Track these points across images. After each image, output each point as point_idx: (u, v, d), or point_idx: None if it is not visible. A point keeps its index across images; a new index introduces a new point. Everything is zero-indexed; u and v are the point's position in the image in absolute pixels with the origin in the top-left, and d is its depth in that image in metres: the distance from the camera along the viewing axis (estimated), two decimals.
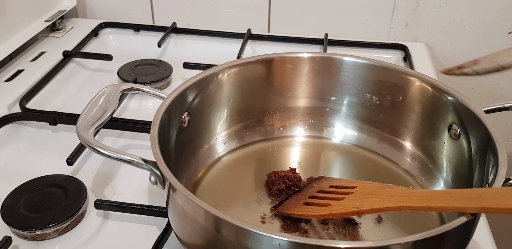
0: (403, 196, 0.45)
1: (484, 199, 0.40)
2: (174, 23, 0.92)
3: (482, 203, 0.39)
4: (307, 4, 0.91)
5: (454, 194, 0.43)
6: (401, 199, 0.45)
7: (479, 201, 0.40)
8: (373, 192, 0.48)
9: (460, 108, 0.52)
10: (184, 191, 0.41)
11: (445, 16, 0.89)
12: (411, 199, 0.44)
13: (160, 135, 0.47)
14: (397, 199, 0.45)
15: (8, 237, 0.50)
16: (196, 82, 0.55)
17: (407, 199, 0.44)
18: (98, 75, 0.82)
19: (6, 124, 0.67)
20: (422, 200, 0.43)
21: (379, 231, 0.51)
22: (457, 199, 0.41)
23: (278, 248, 0.37)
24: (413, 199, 0.44)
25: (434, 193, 0.46)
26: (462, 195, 0.42)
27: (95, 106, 0.52)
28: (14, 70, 0.79)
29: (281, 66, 0.61)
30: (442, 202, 0.42)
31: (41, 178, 0.57)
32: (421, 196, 0.44)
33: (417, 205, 0.43)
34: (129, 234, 0.53)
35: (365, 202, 0.47)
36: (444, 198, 0.43)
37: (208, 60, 0.79)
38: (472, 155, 0.51)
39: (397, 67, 0.59)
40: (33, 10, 0.85)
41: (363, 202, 0.47)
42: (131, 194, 0.58)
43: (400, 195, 0.46)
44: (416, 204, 0.43)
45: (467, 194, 0.42)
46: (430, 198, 0.43)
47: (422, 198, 0.44)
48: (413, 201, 0.44)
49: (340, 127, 0.63)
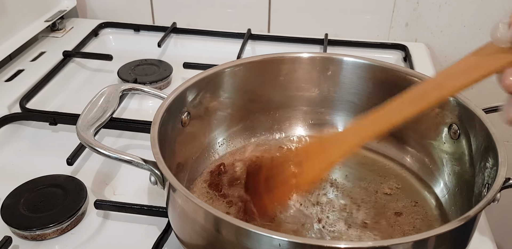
0: (357, 130, 0.46)
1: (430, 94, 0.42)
2: (174, 23, 0.92)
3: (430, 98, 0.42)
4: (307, 4, 0.91)
5: (400, 102, 0.43)
6: (358, 133, 0.45)
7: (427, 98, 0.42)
8: (324, 146, 0.47)
9: (460, 108, 0.52)
10: (184, 191, 0.41)
11: (445, 16, 0.89)
12: (369, 128, 0.44)
13: (160, 135, 0.47)
14: (355, 136, 0.45)
15: (8, 237, 0.50)
16: (196, 82, 0.55)
17: (364, 130, 0.45)
18: (98, 75, 0.82)
19: (6, 124, 0.67)
20: (378, 123, 0.44)
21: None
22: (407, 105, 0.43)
23: (278, 248, 0.37)
24: (369, 127, 0.44)
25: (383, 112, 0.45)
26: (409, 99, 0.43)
27: (95, 106, 0.52)
28: (14, 70, 0.79)
29: (281, 66, 0.61)
30: (397, 114, 0.43)
31: (41, 178, 0.57)
32: (375, 120, 0.44)
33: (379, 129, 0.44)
34: (129, 234, 0.53)
35: (328, 155, 0.46)
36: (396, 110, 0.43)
37: (208, 60, 0.79)
38: (472, 155, 0.51)
39: (397, 67, 0.59)
40: (33, 10, 0.85)
41: (326, 156, 0.46)
42: (131, 194, 0.58)
43: (354, 132, 0.46)
44: (377, 129, 0.44)
45: (411, 96, 0.43)
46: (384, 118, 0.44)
47: (377, 122, 0.44)
48: (371, 128, 0.44)
49: (340, 127, 0.63)
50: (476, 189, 0.49)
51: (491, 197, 0.41)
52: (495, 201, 0.43)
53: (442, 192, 0.55)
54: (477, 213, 0.40)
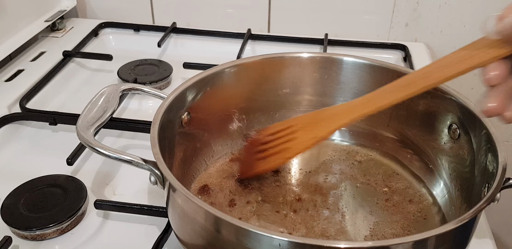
0: (347, 110, 0.49)
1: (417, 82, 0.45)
2: (174, 23, 0.92)
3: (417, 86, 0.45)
4: (307, 4, 0.91)
5: (389, 88, 0.47)
6: (348, 112, 0.49)
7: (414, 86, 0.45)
8: (316, 119, 0.51)
9: (460, 108, 0.52)
10: (184, 191, 0.41)
11: (445, 16, 0.89)
12: (357, 109, 0.48)
13: (160, 135, 0.47)
14: (344, 114, 0.49)
15: (8, 237, 0.50)
16: (196, 82, 0.55)
17: (353, 110, 0.48)
18: (98, 75, 0.82)
19: (6, 124, 0.67)
20: (367, 105, 0.47)
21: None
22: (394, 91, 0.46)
23: (278, 248, 0.37)
24: (358, 108, 0.48)
25: (372, 96, 0.49)
26: (397, 86, 0.47)
27: (95, 106, 0.52)
28: (14, 70, 0.79)
29: (281, 66, 0.61)
30: (385, 98, 0.47)
31: (41, 178, 0.57)
32: (364, 102, 0.48)
33: (367, 110, 0.47)
34: (129, 234, 0.53)
35: (318, 129, 0.49)
36: (385, 95, 0.47)
37: (208, 60, 0.79)
38: (472, 155, 0.51)
39: (397, 67, 0.59)
40: (33, 10, 0.85)
41: (316, 131, 0.49)
42: (131, 194, 0.58)
43: (345, 110, 0.49)
44: (365, 110, 0.47)
45: (399, 83, 0.47)
46: (373, 101, 0.48)
47: (365, 104, 0.48)
48: (359, 109, 0.48)
49: None
50: (476, 189, 0.49)
51: (491, 197, 0.41)
52: (495, 201, 0.43)
53: (442, 192, 0.55)
54: (477, 213, 0.40)
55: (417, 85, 0.45)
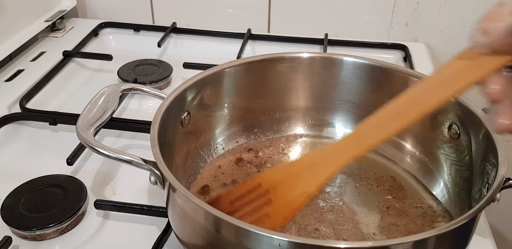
0: (330, 156, 0.44)
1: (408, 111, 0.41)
2: (174, 23, 0.92)
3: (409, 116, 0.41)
4: (307, 4, 0.91)
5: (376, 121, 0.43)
6: (331, 161, 0.44)
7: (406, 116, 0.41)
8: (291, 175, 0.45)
9: (460, 108, 0.52)
10: (184, 191, 0.41)
11: (445, 16, 0.89)
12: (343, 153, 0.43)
13: (160, 135, 0.47)
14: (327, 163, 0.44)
15: (8, 237, 0.50)
16: (196, 82, 0.55)
17: (335, 157, 0.44)
18: (98, 75, 0.82)
19: (6, 124, 0.67)
20: (351, 149, 0.43)
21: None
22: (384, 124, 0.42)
23: (278, 248, 0.37)
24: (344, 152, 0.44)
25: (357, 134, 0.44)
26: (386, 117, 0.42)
27: (95, 106, 0.52)
28: (14, 70, 0.79)
29: (281, 66, 0.61)
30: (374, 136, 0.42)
31: (41, 178, 0.57)
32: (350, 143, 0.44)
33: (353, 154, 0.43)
34: (129, 234, 0.53)
35: (300, 187, 0.44)
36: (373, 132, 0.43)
37: (208, 60, 0.79)
38: (472, 155, 0.51)
39: (397, 67, 0.59)
40: (33, 10, 0.85)
41: (298, 189, 0.44)
42: (131, 194, 0.58)
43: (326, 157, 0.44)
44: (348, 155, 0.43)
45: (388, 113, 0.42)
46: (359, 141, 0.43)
47: (351, 147, 0.43)
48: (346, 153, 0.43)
49: (340, 127, 0.63)
50: (476, 189, 0.49)
51: (491, 197, 0.41)
52: (495, 201, 0.43)
53: (442, 192, 0.55)
54: (477, 213, 0.40)
55: (409, 115, 0.41)
